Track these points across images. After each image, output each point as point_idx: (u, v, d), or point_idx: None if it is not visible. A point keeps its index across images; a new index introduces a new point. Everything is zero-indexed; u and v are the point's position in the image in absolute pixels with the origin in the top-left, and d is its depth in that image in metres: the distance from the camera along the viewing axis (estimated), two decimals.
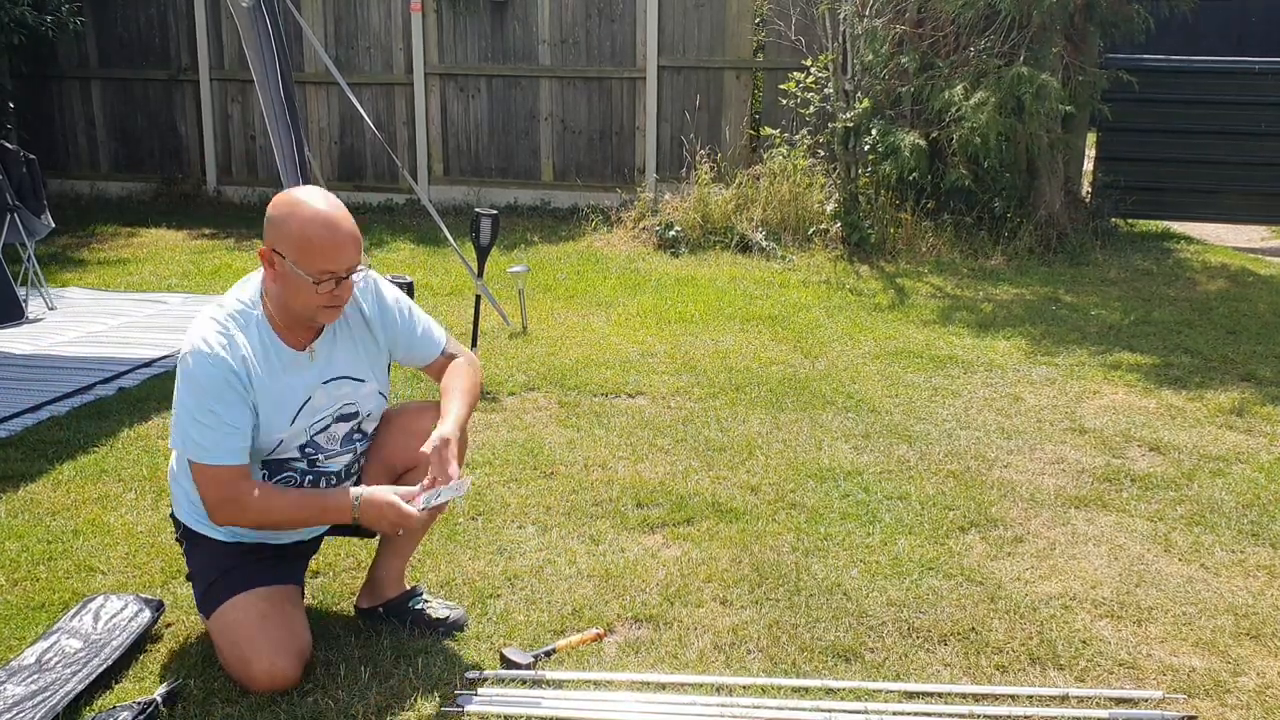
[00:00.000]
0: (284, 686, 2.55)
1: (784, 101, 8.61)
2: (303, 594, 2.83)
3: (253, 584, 2.62)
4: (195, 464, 2.50)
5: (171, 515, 2.82)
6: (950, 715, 2.55)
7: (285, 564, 2.74)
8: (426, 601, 2.92)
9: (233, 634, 2.56)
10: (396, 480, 2.82)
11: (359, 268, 2.53)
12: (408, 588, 2.94)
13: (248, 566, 2.65)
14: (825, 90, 8.38)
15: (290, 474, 2.66)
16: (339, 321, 2.66)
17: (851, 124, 8.06)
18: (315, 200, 2.51)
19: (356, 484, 2.79)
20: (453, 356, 2.85)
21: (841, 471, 3.99)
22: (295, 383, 2.59)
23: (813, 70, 8.38)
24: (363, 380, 2.71)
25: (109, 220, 9.46)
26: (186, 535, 2.75)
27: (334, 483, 2.73)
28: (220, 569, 2.64)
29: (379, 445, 2.83)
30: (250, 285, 2.61)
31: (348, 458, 2.75)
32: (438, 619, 2.88)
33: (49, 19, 9.40)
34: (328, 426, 2.67)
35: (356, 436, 2.75)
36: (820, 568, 3.24)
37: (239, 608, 2.58)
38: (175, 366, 2.56)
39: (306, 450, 2.66)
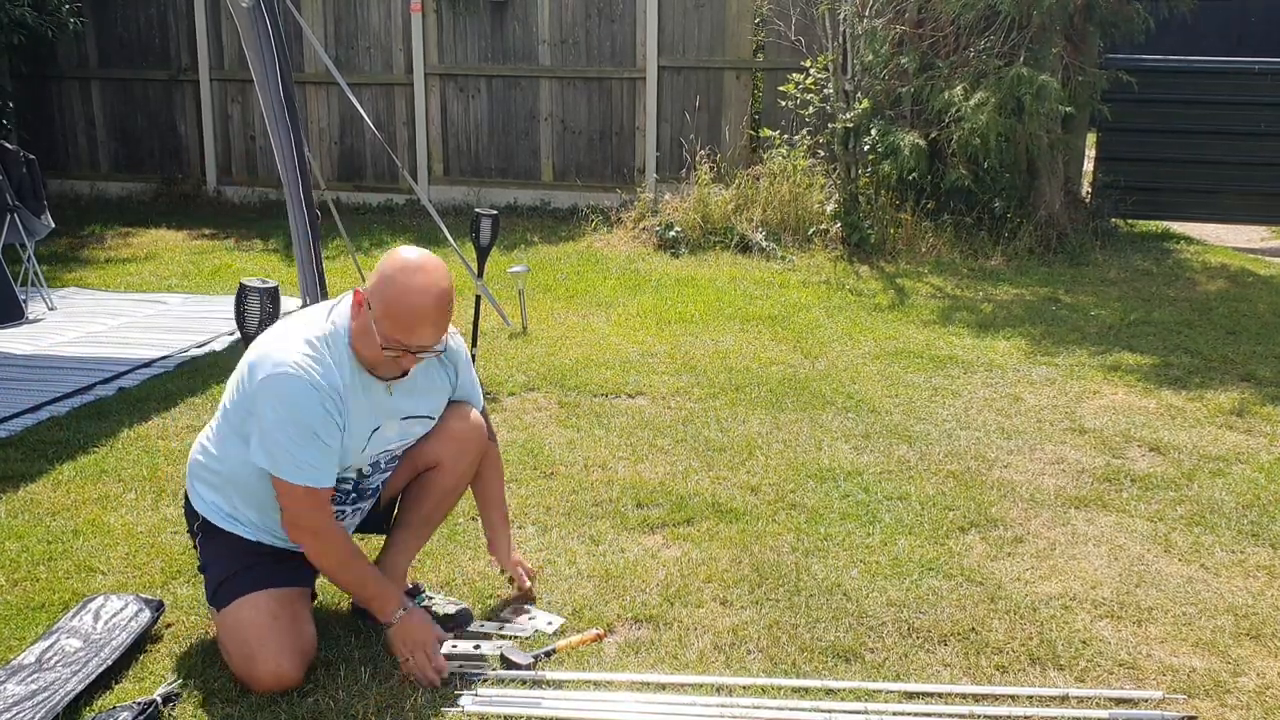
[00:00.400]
0: (286, 687, 2.55)
1: (784, 103, 8.61)
2: (313, 595, 2.83)
3: (267, 584, 2.62)
4: (296, 486, 2.51)
5: (185, 508, 2.82)
6: (950, 715, 2.55)
7: (299, 565, 2.74)
8: (430, 599, 2.93)
9: (242, 631, 2.57)
10: (415, 477, 2.91)
11: (432, 349, 2.60)
12: (409, 586, 2.94)
13: (264, 566, 2.66)
14: (825, 91, 8.38)
15: (338, 494, 2.70)
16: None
17: (851, 124, 8.06)
18: (425, 275, 2.52)
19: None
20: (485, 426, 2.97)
21: (841, 472, 3.99)
22: (371, 411, 2.64)
23: (812, 71, 8.38)
24: (432, 418, 2.82)
25: (109, 220, 9.46)
26: (205, 528, 2.75)
27: (367, 497, 2.81)
28: (237, 565, 2.65)
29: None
30: (342, 309, 2.63)
31: (387, 475, 2.84)
32: (443, 615, 2.88)
33: (48, 19, 9.39)
34: (389, 447, 2.76)
35: (400, 453, 2.84)
36: (820, 568, 3.24)
37: (251, 606, 2.58)
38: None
39: (363, 471, 2.72)
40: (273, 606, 2.59)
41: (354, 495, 2.76)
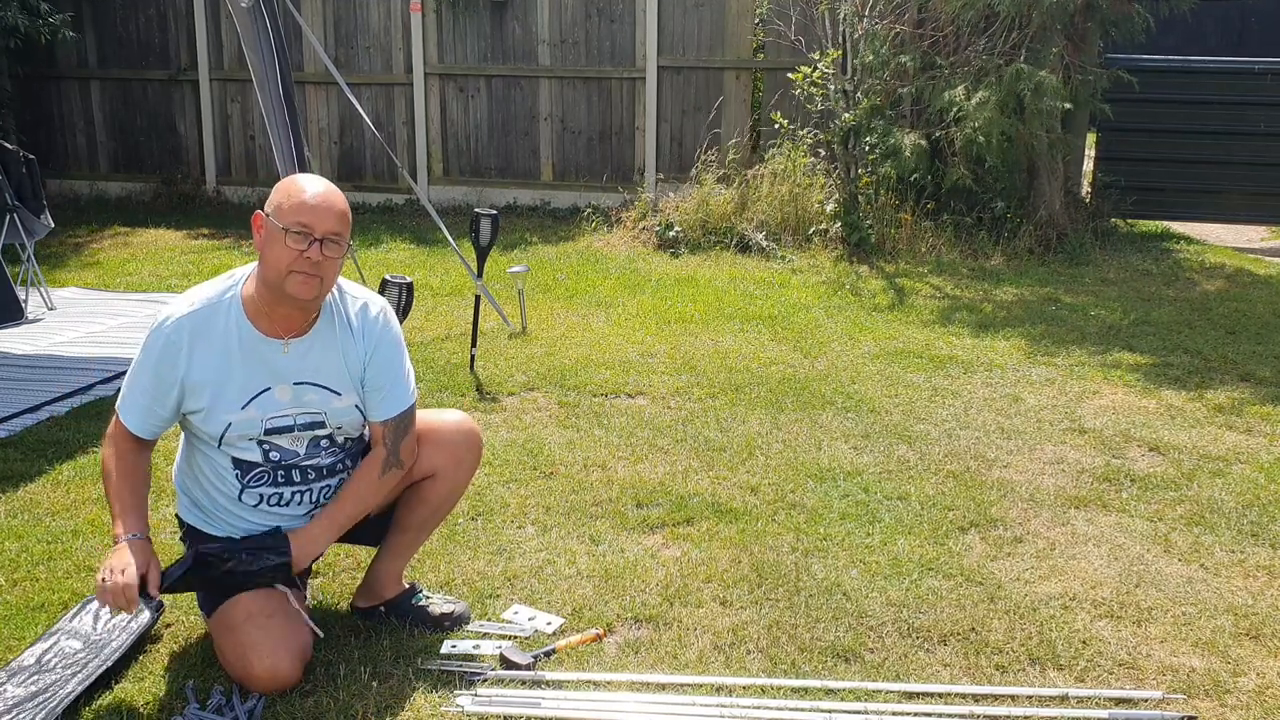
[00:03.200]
0: (285, 686, 2.55)
1: (796, 91, 8.53)
2: (305, 596, 2.83)
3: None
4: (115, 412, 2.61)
5: (176, 515, 2.82)
6: (950, 716, 2.55)
7: None
8: (428, 598, 2.93)
9: (235, 633, 2.56)
10: (411, 485, 2.82)
11: (340, 241, 2.50)
12: (406, 586, 2.94)
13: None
14: (828, 88, 8.37)
15: (262, 470, 2.63)
16: (325, 328, 2.62)
17: (852, 124, 8.06)
18: (314, 176, 2.59)
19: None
20: (396, 438, 2.68)
21: (841, 472, 3.99)
22: (256, 368, 2.56)
23: (820, 65, 8.34)
24: (338, 393, 2.64)
25: (108, 220, 9.46)
26: (190, 534, 2.75)
27: (311, 477, 2.68)
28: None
29: None
30: (241, 269, 2.64)
31: (319, 457, 2.68)
32: (441, 614, 2.88)
33: (43, 24, 9.37)
34: (290, 428, 2.61)
35: (325, 444, 2.68)
36: (820, 568, 3.24)
37: (241, 606, 2.57)
38: None
39: (267, 452, 2.61)
40: (264, 606, 2.57)
41: (283, 475, 2.63)
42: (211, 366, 2.53)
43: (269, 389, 2.58)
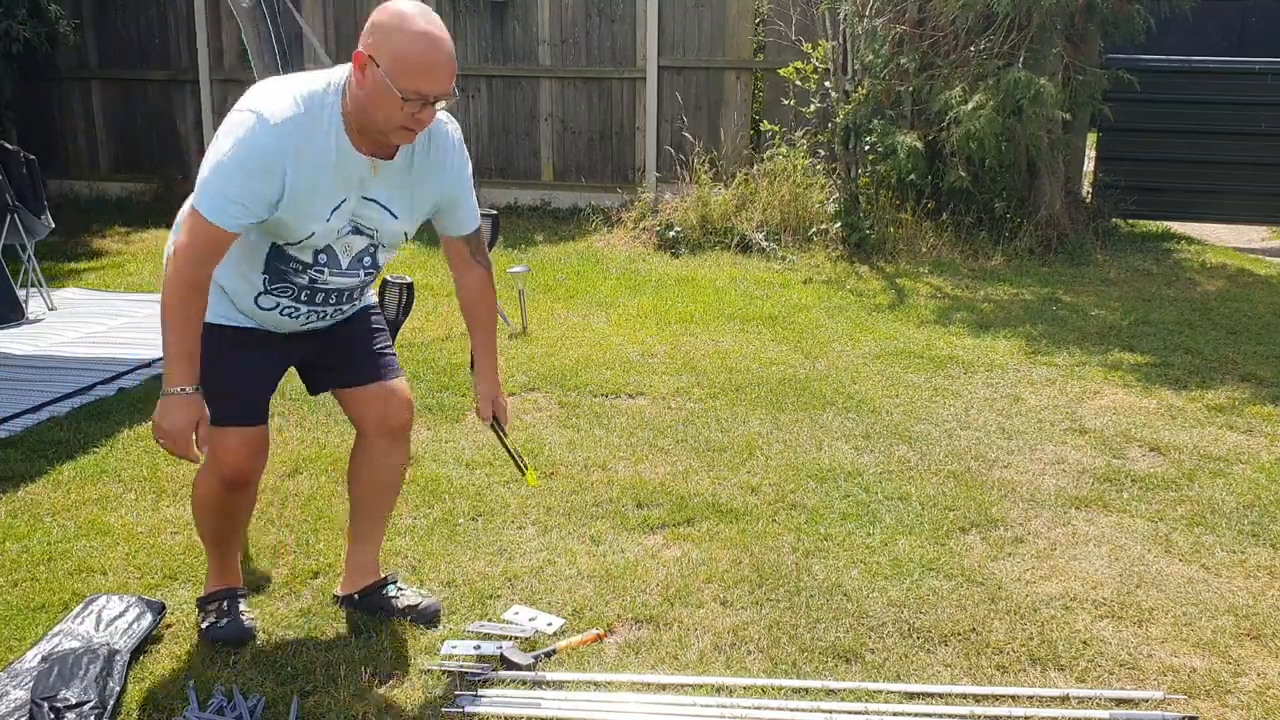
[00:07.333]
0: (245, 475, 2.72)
1: (785, 101, 8.58)
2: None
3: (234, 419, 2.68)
4: (195, 211, 2.41)
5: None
6: (951, 716, 2.55)
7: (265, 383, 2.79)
8: (401, 589, 2.96)
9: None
10: (355, 461, 2.95)
11: (450, 93, 2.47)
12: (382, 576, 2.96)
13: (233, 391, 2.67)
14: (825, 85, 8.37)
15: (288, 285, 2.61)
16: (408, 155, 2.59)
17: (852, 124, 8.06)
18: (423, 19, 2.43)
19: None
20: (477, 249, 2.87)
21: (842, 472, 3.99)
22: (343, 182, 2.50)
23: (814, 59, 8.32)
24: (396, 216, 2.62)
25: (109, 221, 9.46)
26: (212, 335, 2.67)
27: (333, 301, 2.70)
28: (209, 385, 2.55)
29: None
30: (336, 74, 2.51)
31: (353, 280, 2.68)
32: (406, 606, 2.92)
33: (45, 30, 9.37)
34: (346, 234, 2.59)
35: (367, 261, 2.67)
36: (820, 568, 3.24)
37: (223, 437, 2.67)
38: None
39: (319, 257, 2.58)
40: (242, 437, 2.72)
41: (308, 294, 2.64)
42: (307, 176, 2.44)
43: (345, 199, 2.53)
